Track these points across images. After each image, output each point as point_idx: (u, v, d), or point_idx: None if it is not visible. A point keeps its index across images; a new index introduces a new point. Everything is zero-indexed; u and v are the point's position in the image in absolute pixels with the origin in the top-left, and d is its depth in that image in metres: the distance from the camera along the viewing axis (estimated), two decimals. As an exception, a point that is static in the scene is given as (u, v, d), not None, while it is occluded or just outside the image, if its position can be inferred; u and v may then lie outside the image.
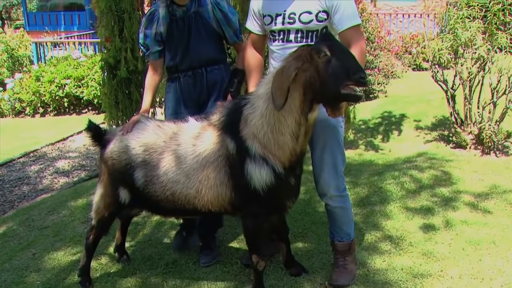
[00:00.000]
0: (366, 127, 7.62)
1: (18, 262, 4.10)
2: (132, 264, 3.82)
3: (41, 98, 12.10)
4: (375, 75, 9.83)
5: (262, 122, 2.80)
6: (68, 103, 11.96)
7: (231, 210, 3.08)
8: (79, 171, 7.54)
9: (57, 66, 12.47)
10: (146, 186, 3.14)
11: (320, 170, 3.18)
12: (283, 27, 3.01)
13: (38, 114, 12.36)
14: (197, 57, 3.50)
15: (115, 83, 5.32)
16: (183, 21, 3.47)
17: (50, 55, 14.50)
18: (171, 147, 3.09)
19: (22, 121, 12.16)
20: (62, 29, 19.41)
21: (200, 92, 3.57)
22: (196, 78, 3.55)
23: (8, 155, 8.69)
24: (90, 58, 12.43)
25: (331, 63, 2.57)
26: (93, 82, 11.52)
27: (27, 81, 12.43)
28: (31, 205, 5.82)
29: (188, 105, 3.60)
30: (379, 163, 5.80)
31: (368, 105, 8.86)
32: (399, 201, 4.54)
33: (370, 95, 9.65)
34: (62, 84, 11.80)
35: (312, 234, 4.04)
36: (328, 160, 3.14)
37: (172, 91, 3.65)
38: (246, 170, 2.86)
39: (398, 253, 3.67)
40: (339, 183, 3.21)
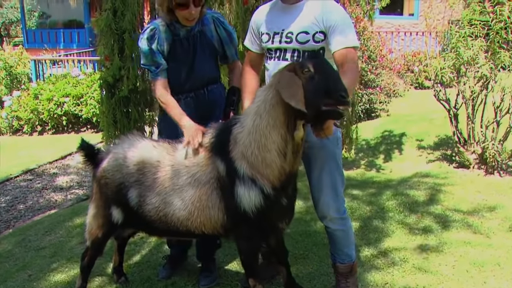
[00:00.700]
0: (367, 147, 7.64)
1: (13, 283, 4.07)
2: (131, 286, 3.78)
3: (39, 116, 12.13)
4: (377, 94, 9.87)
5: (249, 139, 2.79)
6: (66, 121, 11.99)
7: (224, 233, 3.07)
8: (77, 190, 7.53)
9: (56, 84, 12.52)
10: (139, 206, 3.12)
11: (319, 193, 3.17)
12: (280, 45, 3.03)
13: (36, 132, 12.39)
14: (201, 77, 3.48)
15: (114, 102, 5.34)
16: (187, 41, 3.42)
17: (49, 72, 14.56)
18: (165, 167, 3.08)
19: (19, 139, 12.17)
20: (61, 47, 19.48)
21: (202, 113, 3.53)
22: (199, 99, 3.53)
23: (5, 174, 8.68)
24: (89, 76, 12.48)
25: (314, 79, 2.58)
26: (92, 100, 11.57)
27: (25, 99, 12.47)
28: (28, 225, 5.81)
29: None
30: (380, 183, 5.80)
31: (369, 124, 8.89)
32: (400, 221, 4.53)
33: (372, 114, 9.69)
34: (60, 102, 11.85)
35: (313, 256, 4.02)
36: (327, 182, 3.13)
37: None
38: (236, 191, 2.85)
39: (401, 275, 3.64)
40: (339, 205, 3.19)
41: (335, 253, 3.34)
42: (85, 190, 7.44)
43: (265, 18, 3.10)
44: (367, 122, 9.23)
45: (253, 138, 2.77)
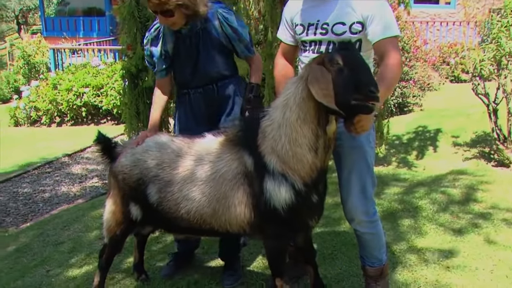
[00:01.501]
0: (399, 143, 7.58)
1: (31, 279, 4.14)
2: (152, 284, 3.82)
3: (58, 107, 12.29)
4: (410, 87, 9.78)
5: (279, 133, 2.78)
6: (86, 112, 12.12)
7: (251, 231, 3.05)
8: (96, 183, 7.62)
9: (75, 73, 12.67)
10: (159, 203, 3.13)
11: (347, 194, 3.14)
12: (314, 37, 3.01)
13: (54, 124, 12.55)
14: (207, 76, 3.51)
15: (137, 93, 5.35)
16: (190, 39, 3.46)
17: (68, 62, 14.74)
18: (186, 163, 3.08)
19: (37, 130, 12.35)
20: (80, 35, 19.69)
21: (212, 108, 3.58)
22: (207, 94, 3.55)
23: (23, 166, 8.82)
24: (110, 66, 12.60)
25: (343, 73, 2.57)
26: (112, 91, 11.67)
27: (44, 89, 12.64)
28: (46, 219, 5.90)
29: (200, 122, 3.59)
30: (413, 180, 5.74)
31: (402, 119, 8.82)
32: (434, 221, 4.48)
33: (405, 109, 9.61)
34: (80, 92, 11.98)
35: (342, 256, 4.01)
36: (356, 183, 3.10)
37: (182, 108, 3.67)
38: (265, 187, 2.84)
39: (435, 278, 3.60)
40: (368, 207, 3.15)
41: (364, 256, 3.32)
42: (104, 184, 7.51)
43: (299, 8, 3.06)
44: (400, 116, 9.16)
45: (283, 132, 2.77)
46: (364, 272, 3.37)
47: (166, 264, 3.99)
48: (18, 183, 7.94)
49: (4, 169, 8.80)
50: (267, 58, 5.23)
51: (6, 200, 7.19)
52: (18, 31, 28.95)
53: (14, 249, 4.93)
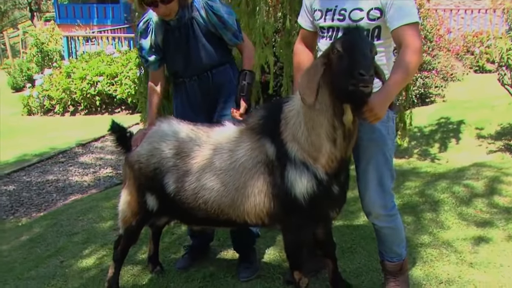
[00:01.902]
0: (421, 135, 7.54)
1: (44, 270, 4.19)
2: (166, 276, 3.84)
3: (71, 95, 12.38)
4: (432, 78, 9.71)
5: (299, 120, 2.81)
6: (100, 101, 12.20)
7: (269, 222, 3.06)
8: (110, 173, 7.67)
9: (89, 62, 12.75)
10: (177, 193, 3.14)
11: (364, 188, 3.13)
12: (332, 23, 2.99)
13: (68, 113, 12.65)
14: (199, 64, 3.54)
15: (153, 82, 5.37)
16: (179, 30, 3.49)
17: (81, 50, 14.83)
18: (205, 152, 3.10)
19: (51, 119, 12.45)
20: (94, 23, 19.81)
21: (207, 96, 3.61)
22: (202, 82, 3.59)
23: (36, 156, 8.91)
24: (125, 54, 12.65)
25: (342, 59, 2.58)
26: (127, 80, 11.73)
27: (57, 78, 12.73)
28: (60, 209, 5.96)
29: (197, 111, 3.62)
30: (435, 173, 5.70)
31: (424, 110, 8.77)
32: (456, 215, 4.44)
33: (426, 100, 9.54)
34: (94, 81, 12.06)
35: (361, 250, 4.00)
36: (373, 177, 3.08)
37: (179, 97, 3.71)
38: (286, 176, 2.85)
39: (457, 274, 3.58)
40: (386, 201, 3.14)
41: (383, 251, 3.31)
42: (118, 174, 7.57)
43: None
44: (421, 108, 9.10)
45: (302, 120, 2.79)
46: (383, 267, 3.37)
47: (181, 257, 4.02)
48: (31, 173, 8.03)
49: (17, 159, 8.90)
50: (285, 46, 5.22)
51: (19, 190, 7.27)
52: (31, 18, 29.11)
53: (27, 239, 4.98)
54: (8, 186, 7.49)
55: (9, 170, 8.13)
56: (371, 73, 2.48)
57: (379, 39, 2.88)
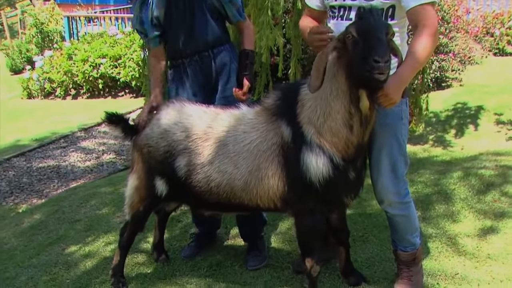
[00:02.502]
0: (436, 120, 7.51)
1: (46, 257, 4.23)
2: (172, 265, 3.88)
3: (73, 78, 12.38)
4: (449, 61, 9.64)
5: (315, 104, 2.83)
6: (103, 84, 12.20)
7: (282, 207, 3.09)
8: (113, 159, 7.70)
9: (91, 43, 12.74)
10: (188, 176, 3.17)
11: (377, 174, 3.14)
12: (343, 2, 2.97)
13: (69, 96, 12.67)
14: (203, 41, 3.54)
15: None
16: (183, 3, 3.48)
17: (83, 31, 14.81)
18: (218, 134, 3.12)
19: (52, 103, 12.48)
20: (96, 2, 19.76)
21: (208, 77, 3.61)
22: (204, 62, 3.59)
23: (37, 140, 8.94)
24: (128, 36, 12.62)
25: (357, 45, 2.59)
26: (131, 62, 11.71)
27: (58, 60, 12.73)
28: (61, 195, 6.00)
29: (196, 92, 3.63)
30: (451, 161, 5.69)
31: (439, 95, 8.72)
32: (473, 205, 4.44)
33: (443, 84, 9.48)
34: (96, 63, 12.05)
35: (374, 239, 4.02)
36: (386, 163, 3.09)
37: (176, 78, 3.70)
38: (302, 159, 2.87)
39: (474, 265, 3.59)
40: (400, 188, 3.15)
41: (396, 240, 3.33)
42: (123, 159, 7.61)
43: None
44: (437, 92, 9.05)
45: (318, 104, 2.81)
46: (396, 257, 3.38)
47: (187, 245, 4.06)
48: (32, 158, 8.06)
49: (17, 143, 8.95)
50: (294, 27, 5.20)
51: (19, 175, 7.32)
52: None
53: (28, 226, 5.03)
54: (8, 171, 7.53)
55: (9, 155, 8.16)
56: (386, 59, 2.49)
57: (393, 19, 2.87)
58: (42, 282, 3.85)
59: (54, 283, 3.83)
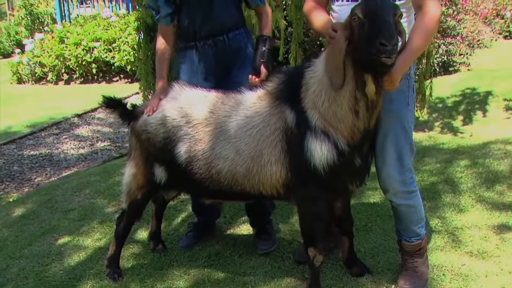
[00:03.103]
0: (443, 106, 7.51)
1: (38, 248, 4.25)
2: (169, 255, 3.90)
3: (65, 63, 12.36)
4: (457, 44, 9.63)
5: (320, 88, 2.84)
6: (96, 69, 12.18)
7: (285, 194, 3.11)
8: (108, 146, 7.70)
9: (84, 26, 12.70)
10: (188, 163, 3.18)
11: (382, 162, 3.15)
12: None
13: (62, 81, 12.65)
14: (220, 23, 3.52)
15: (153, 47, 5.35)
16: None
17: (75, 13, 14.76)
18: (219, 119, 3.13)
19: (43, 88, 12.46)
20: (89, -17, 19.67)
21: (222, 62, 3.60)
22: (218, 47, 3.57)
23: (28, 127, 8.94)
24: (123, 18, 12.59)
25: (363, 27, 2.60)
26: (125, 46, 11.68)
27: (49, 43, 12.69)
28: (54, 184, 6.00)
29: (208, 78, 3.63)
30: (458, 149, 5.70)
31: (446, 80, 8.72)
32: (480, 195, 4.45)
33: (450, 68, 9.48)
34: (89, 47, 12.02)
35: (377, 229, 4.04)
36: (392, 149, 3.09)
37: (187, 62, 3.68)
38: (306, 145, 2.88)
39: (481, 256, 3.60)
40: (405, 177, 3.16)
41: (400, 230, 3.34)
42: (118, 147, 7.61)
43: None
44: (444, 77, 9.06)
45: (323, 89, 2.81)
46: (400, 247, 3.40)
47: (185, 235, 4.07)
48: (23, 145, 8.06)
49: (7, 130, 8.94)
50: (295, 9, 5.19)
51: (10, 163, 7.31)
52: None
53: (19, 216, 5.03)
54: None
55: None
56: (393, 42, 2.49)
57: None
58: (34, 273, 3.86)
59: (47, 274, 3.84)
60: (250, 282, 3.49)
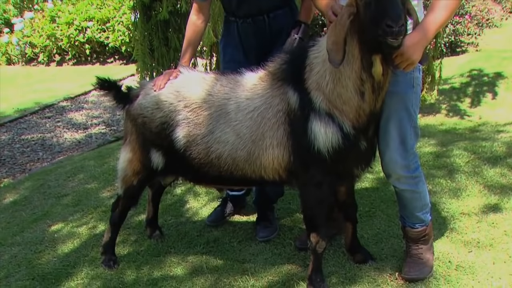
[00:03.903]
0: (450, 88, 7.50)
1: (31, 235, 4.28)
2: (166, 242, 3.93)
3: (57, 43, 12.32)
4: (464, 24, 9.60)
5: (324, 69, 2.83)
6: (90, 50, 12.15)
7: (287, 178, 3.11)
8: (102, 130, 7.72)
9: (76, 5, 12.64)
10: (187, 148, 3.19)
11: (385, 146, 3.13)
12: None
13: (53, 62, 12.63)
14: (256, 6, 3.50)
15: (150, 27, 5.35)
16: None
17: (67, -10, 14.66)
18: (219, 102, 3.13)
19: (34, 70, 12.45)
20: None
21: (262, 41, 3.57)
22: (257, 26, 3.55)
23: (19, 110, 8.94)
24: (117, -4, 12.52)
25: (370, 6, 2.58)
26: (120, 25, 11.62)
27: (40, 22, 12.64)
28: (47, 169, 6.03)
29: (248, 55, 3.61)
30: (465, 132, 5.70)
31: (453, 61, 8.71)
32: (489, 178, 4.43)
33: (457, 49, 9.47)
34: (82, 27, 11.98)
35: (381, 214, 4.06)
36: (395, 133, 3.08)
37: (230, 36, 3.66)
38: (309, 128, 2.89)
39: (489, 242, 3.59)
40: (409, 162, 3.15)
41: (404, 216, 3.35)
42: (113, 131, 7.62)
43: None
44: (451, 58, 9.04)
45: (327, 69, 2.81)
46: (404, 234, 3.41)
47: (214, 210, 4.14)
48: (14, 129, 8.08)
49: (-3, 114, 8.96)
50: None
51: (0, 148, 7.33)
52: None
53: (11, 202, 5.06)
54: (-12, 143, 7.56)
55: (-12, 126, 8.19)
56: (400, 23, 2.48)
57: None
58: (27, 261, 3.89)
59: (40, 261, 3.87)
60: (250, 269, 3.52)
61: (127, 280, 3.54)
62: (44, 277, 3.68)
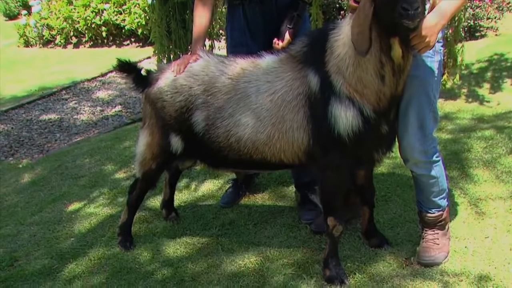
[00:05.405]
0: (468, 73, 7.43)
1: (49, 215, 4.34)
2: (182, 223, 3.97)
3: (74, 25, 12.33)
4: (484, 7, 9.49)
5: (344, 52, 2.82)
6: (106, 32, 12.15)
7: (306, 161, 3.11)
8: (119, 112, 7.74)
9: (93, -13, 12.63)
10: (206, 132, 3.20)
11: (403, 130, 3.13)
12: None
13: (70, 45, 12.66)
14: None
15: (167, 9, 5.33)
16: None
17: (84, -28, 14.65)
18: (239, 85, 3.13)
19: (51, 52, 12.49)
20: None
21: (270, 22, 3.56)
22: (265, 5, 3.54)
23: (36, 92, 9.00)
24: (134, -22, 12.50)
25: None
26: (136, 8, 11.59)
27: (57, 4, 12.64)
28: (64, 150, 6.09)
29: (255, 37, 3.61)
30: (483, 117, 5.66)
31: (472, 46, 8.60)
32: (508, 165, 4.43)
33: (476, 34, 9.36)
34: (99, 9, 11.96)
35: (397, 199, 4.05)
36: (414, 117, 3.07)
37: (235, 20, 3.66)
38: (330, 111, 2.88)
39: (506, 229, 3.57)
40: (427, 146, 3.14)
41: (421, 200, 3.34)
42: (129, 112, 7.65)
43: None
44: (470, 42, 8.92)
45: (348, 52, 2.80)
46: (420, 219, 3.41)
47: (225, 192, 4.16)
48: (32, 111, 8.13)
49: (15, 95, 9.01)
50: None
51: (19, 129, 7.40)
52: None
53: (29, 182, 5.13)
54: (6, 124, 7.62)
55: (7, 107, 8.25)
56: (415, 6, 2.48)
57: None
58: (45, 240, 3.95)
59: (58, 241, 3.93)
60: (265, 252, 3.54)
61: (143, 260, 3.58)
62: (62, 256, 3.73)
